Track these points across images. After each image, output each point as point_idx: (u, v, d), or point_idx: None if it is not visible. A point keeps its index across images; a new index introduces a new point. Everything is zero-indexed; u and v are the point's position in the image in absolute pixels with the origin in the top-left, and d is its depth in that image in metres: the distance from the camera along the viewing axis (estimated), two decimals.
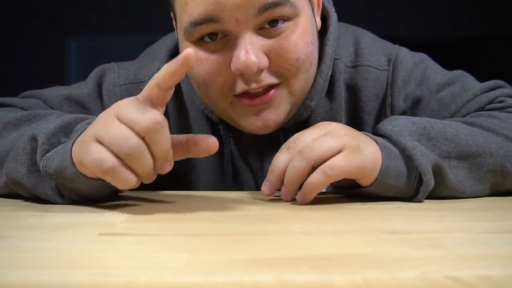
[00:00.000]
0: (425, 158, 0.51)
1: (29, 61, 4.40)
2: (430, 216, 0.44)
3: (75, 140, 0.45)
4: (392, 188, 0.52)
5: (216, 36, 0.55)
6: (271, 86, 0.57)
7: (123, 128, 0.41)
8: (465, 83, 0.69)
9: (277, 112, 0.59)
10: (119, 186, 0.42)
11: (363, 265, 0.28)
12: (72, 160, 0.45)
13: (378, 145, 0.52)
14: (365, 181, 0.51)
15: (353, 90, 0.69)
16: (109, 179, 0.42)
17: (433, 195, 0.53)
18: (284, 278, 0.25)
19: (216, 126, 0.68)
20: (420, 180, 0.52)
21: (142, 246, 0.32)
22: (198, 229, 0.38)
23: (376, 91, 0.69)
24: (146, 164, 0.42)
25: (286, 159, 0.51)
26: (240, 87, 0.57)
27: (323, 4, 0.67)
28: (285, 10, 0.55)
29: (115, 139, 0.41)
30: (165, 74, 0.43)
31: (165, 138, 0.43)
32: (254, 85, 0.56)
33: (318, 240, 0.34)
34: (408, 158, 0.52)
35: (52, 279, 0.25)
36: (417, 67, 0.69)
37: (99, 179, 0.45)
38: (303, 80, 0.60)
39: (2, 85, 4.07)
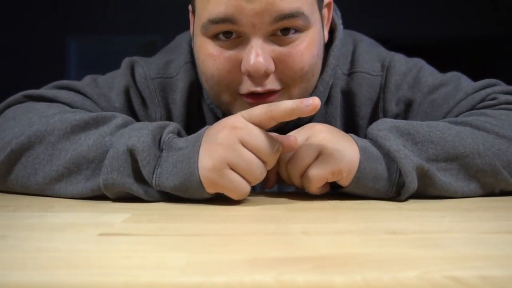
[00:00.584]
0: (408, 161, 0.51)
1: (29, 61, 4.40)
2: (430, 216, 0.44)
3: (197, 163, 0.48)
4: (371, 190, 0.53)
5: (230, 35, 0.58)
6: (272, 92, 0.60)
7: (253, 157, 0.48)
8: (458, 84, 0.69)
9: None
10: (238, 198, 0.50)
11: (363, 265, 0.28)
12: (201, 180, 0.48)
13: (358, 147, 0.53)
14: (343, 182, 0.53)
15: (348, 96, 0.71)
16: (237, 197, 0.49)
17: (424, 195, 0.54)
18: (284, 278, 0.25)
19: None
20: (401, 182, 0.52)
21: (142, 246, 0.32)
22: (198, 229, 0.38)
23: (370, 96, 0.70)
24: (261, 180, 0.50)
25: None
26: (246, 88, 0.60)
27: (332, 18, 0.69)
28: (298, 22, 0.58)
29: (249, 169, 0.48)
30: (285, 112, 0.49)
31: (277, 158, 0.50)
32: (258, 89, 0.59)
33: (318, 240, 0.34)
34: (390, 161, 0.53)
35: (52, 279, 0.25)
36: (410, 71, 0.71)
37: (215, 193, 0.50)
38: (303, 89, 0.63)
39: (2, 85, 4.07)
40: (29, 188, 0.55)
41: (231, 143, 0.47)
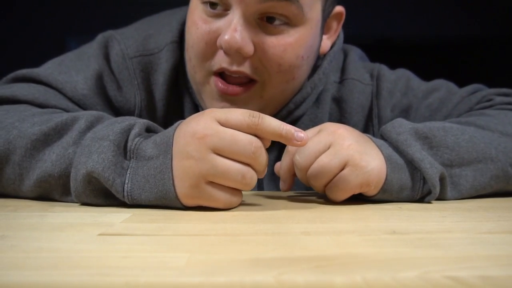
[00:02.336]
0: (434, 170, 0.51)
1: (29, 61, 4.40)
2: (430, 216, 0.44)
3: (172, 179, 0.44)
4: (394, 199, 0.52)
5: (216, 6, 0.56)
6: (245, 83, 0.58)
7: (230, 165, 0.44)
8: (449, 89, 0.72)
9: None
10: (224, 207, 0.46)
11: (363, 265, 0.28)
12: (178, 197, 0.45)
13: (384, 156, 0.50)
14: (368, 193, 0.51)
15: (338, 103, 0.71)
16: (223, 207, 0.46)
17: None
18: (284, 278, 0.25)
19: (197, 109, 0.68)
20: (425, 190, 0.52)
21: (142, 246, 0.32)
22: (198, 229, 0.38)
23: (361, 103, 0.70)
24: (250, 184, 0.45)
25: (296, 175, 0.53)
26: (218, 63, 0.58)
27: None
28: (290, 9, 0.55)
29: (228, 178, 0.44)
30: (271, 134, 0.45)
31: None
32: (232, 68, 0.57)
33: (318, 240, 0.34)
34: (413, 169, 0.52)
35: (52, 279, 0.25)
36: (399, 80, 0.72)
37: None
38: (278, 89, 0.61)
39: None
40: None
41: (203, 155, 0.43)
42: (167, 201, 0.45)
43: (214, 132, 0.43)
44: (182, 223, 0.40)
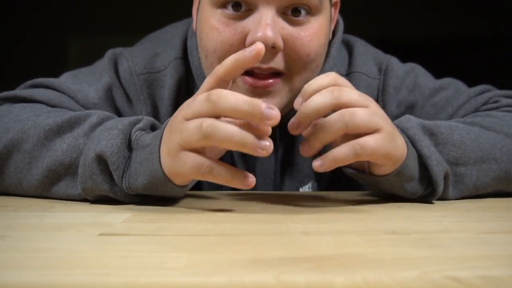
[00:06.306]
0: (440, 168, 0.51)
1: (29, 61, 4.40)
2: (430, 216, 0.44)
3: (159, 157, 0.45)
4: (399, 188, 0.51)
5: (240, 8, 0.56)
6: (274, 75, 0.58)
7: (191, 123, 0.43)
8: (457, 88, 0.71)
9: (274, 102, 0.60)
10: (221, 182, 0.43)
11: (363, 265, 0.28)
12: (165, 174, 0.45)
13: (405, 141, 0.50)
14: (382, 170, 0.49)
15: None
16: (210, 178, 0.43)
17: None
18: (284, 278, 0.25)
19: None
20: (430, 187, 0.52)
21: (142, 246, 0.32)
22: (198, 229, 0.38)
23: None
24: (228, 132, 0.41)
25: (325, 102, 0.46)
26: None
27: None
28: (312, 0, 0.56)
29: (189, 135, 0.42)
30: (230, 65, 0.45)
31: (230, 96, 0.42)
32: (262, 65, 0.57)
33: (318, 240, 0.34)
34: (421, 164, 0.51)
35: (52, 279, 0.25)
36: (408, 75, 0.72)
37: (187, 185, 0.48)
38: (305, 80, 0.61)
39: (2, 84, 4.05)
40: (22, 195, 0.54)
41: (177, 124, 0.44)
42: (159, 182, 0.46)
43: (188, 102, 0.44)
44: (182, 223, 0.40)
